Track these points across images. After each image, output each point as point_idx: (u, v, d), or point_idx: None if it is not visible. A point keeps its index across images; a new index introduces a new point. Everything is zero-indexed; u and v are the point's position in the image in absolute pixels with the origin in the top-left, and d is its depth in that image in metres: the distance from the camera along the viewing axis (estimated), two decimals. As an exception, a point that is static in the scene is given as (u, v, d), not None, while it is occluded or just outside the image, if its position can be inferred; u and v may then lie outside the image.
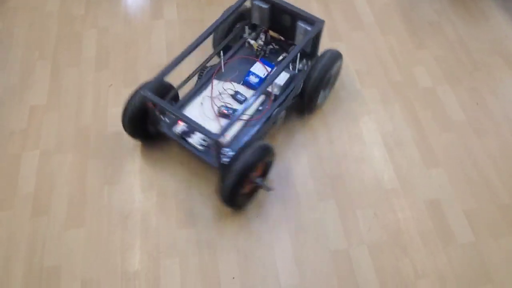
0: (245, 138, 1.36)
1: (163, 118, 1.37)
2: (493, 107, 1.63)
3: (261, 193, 1.41)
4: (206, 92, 1.46)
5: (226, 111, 1.39)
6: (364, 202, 1.40)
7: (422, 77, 1.71)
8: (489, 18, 1.92)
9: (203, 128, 1.18)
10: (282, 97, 1.44)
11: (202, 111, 1.41)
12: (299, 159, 1.48)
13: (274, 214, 1.37)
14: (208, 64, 1.53)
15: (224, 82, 1.48)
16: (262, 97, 1.45)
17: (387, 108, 1.62)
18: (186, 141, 1.35)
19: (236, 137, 1.36)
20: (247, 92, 1.46)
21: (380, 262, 1.29)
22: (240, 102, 1.44)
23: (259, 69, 1.49)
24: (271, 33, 1.59)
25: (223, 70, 1.52)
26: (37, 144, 1.50)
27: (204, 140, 1.34)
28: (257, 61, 1.52)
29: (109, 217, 1.36)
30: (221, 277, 1.26)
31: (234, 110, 1.40)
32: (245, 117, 1.39)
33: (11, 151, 1.49)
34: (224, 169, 1.22)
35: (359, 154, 1.50)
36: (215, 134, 1.18)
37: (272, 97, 1.44)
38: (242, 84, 1.49)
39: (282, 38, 1.59)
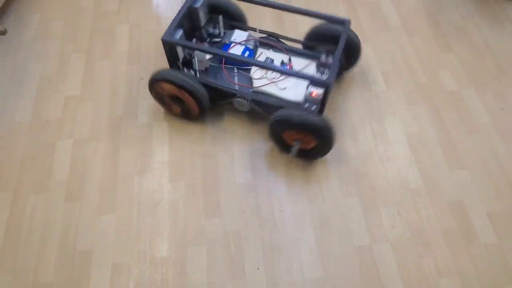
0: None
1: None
2: (518, 111, 1.62)
3: (285, 188, 1.43)
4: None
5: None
6: (388, 200, 1.41)
7: (447, 80, 1.71)
8: (516, 24, 1.91)
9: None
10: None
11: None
12: (326, 156, 1.50)
13: (299, 208, 1.39)
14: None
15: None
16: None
17: (412, 109, 1.63)
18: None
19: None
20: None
21: (402, 259, 1.30)
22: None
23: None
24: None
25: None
26: (71, 133, 1.55)
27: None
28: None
29: (139, 206, 1.40)
30: (246, 267, 1.29)
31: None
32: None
33: (46, 138, 1.54)
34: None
35: (384, 153, 1.51)
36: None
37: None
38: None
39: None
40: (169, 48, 1.40)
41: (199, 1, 1.47)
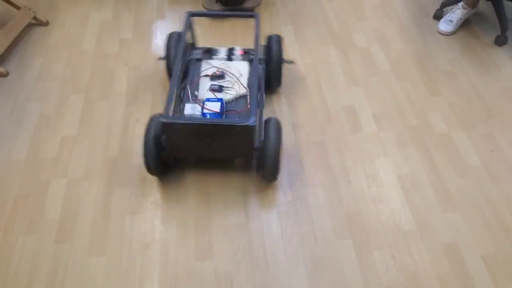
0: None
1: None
2: (508, 154, 1.63)
3: (278, 228, 1.41)
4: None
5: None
6: (381, 242, 1.39)
7: (437, 122, 1.74)
8: (501, 68, 1.96)
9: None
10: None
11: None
12: (318, 197, 1.49)
13: (292, 250, 1.36)
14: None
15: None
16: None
17: (403, 151, 1.64)
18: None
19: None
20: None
21: (397, 304, 1.26)
22: (218, 91, 1.57)
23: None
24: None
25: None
26: (66, 173, 1.55)
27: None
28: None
29: (130, 246, 1.37)
30: (237, 312, 1.24)
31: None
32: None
33: (40, 177, 1.53)
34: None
35: (376, 195, 1.50)
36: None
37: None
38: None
39: None
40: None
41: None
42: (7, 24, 1.94)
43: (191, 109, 1.46)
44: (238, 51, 1.70)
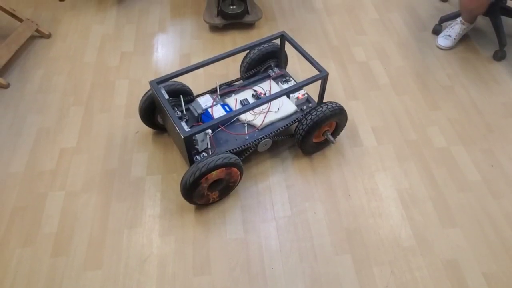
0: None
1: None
2: (508, 169, 1.61)
3: (277, 243, 1.38)
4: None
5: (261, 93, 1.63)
6: (381, 258, 1.36)
7: (436, 137, 1.72)
8: (500, 83, 1.95)
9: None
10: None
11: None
12: (317, 211, 1.47)
13: (290, 266, 1.34)
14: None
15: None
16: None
17: (402, 165, 1.62)
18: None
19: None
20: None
21: (397, 322, 1.23)
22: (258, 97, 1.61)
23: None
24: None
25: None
26: (64, 185, 1.53)
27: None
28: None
29: (127, 260, 1.34)
30: (234, 329, 1.21)
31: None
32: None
33: (38, 190, 1.51)
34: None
35: (376, 210, 1.48)
36: None
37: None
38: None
39: None
40: (189, 142, 1.34)
41: (165, 94, 1.44)
42: (9, 36, 1.94)
43: (203, 100, 1.56)
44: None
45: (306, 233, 1.41)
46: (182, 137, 1.28)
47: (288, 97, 1.62)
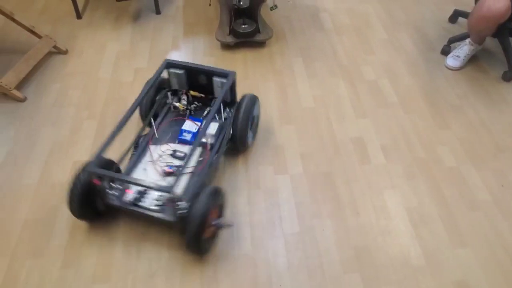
0: (193, 189, 1.34)
1: (110, 192, 1.35)
2: (519, 189, 1.58)
3: (285, 260, 1.36)
4: (146, 158, 1.47)
5: (170, 169, 1.42)
6: (390, 278, 1.33)
7: (446, 156, 1.70)
8: (510, 103, 1.94)
9: (157, 185, 1.23)
10: (217, 144, 1.51)
11: (147, 175, 1.42)
12: (325, 228, 1.45)
13: (298, 284, 1.31)
14: (142, 134, 1.57)
15: (161, 145, 1.52)
16: (199, 149, 1.49)
17: (411, 183, 1.60)
18: (139, 206, 1.32)
19: (186, 189, 1.36)
20: (184, 148, 1.50)
21: None
22: (181, 158, 1.47)
23: (190, 126, 1.55)
24: (191, 93, 1.64)
25: (156, 136, 1.56)
26: (75, 197, 1.53)
27: (157, 200, 1.34)
28: (186, 119, 1.58)
29: (135, 274, 1.33)
30: None
31: (178, 166, 1.43)
32: (189, 169, 1.42)
33: (51, 202, 1.52)
34: (182, 221, 1.26)
35: (385, 228, 1.46)
36: (168, 187, 1.22)
37: (209, 147, 1.49)
38: (178, 143, 1.53)
39: (202, 95, 1.64)
40: None
41: None
42: (28, 51, 1.98)
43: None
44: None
45: (314, 251, 1.39)
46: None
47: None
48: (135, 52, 2.18)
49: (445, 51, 2.19)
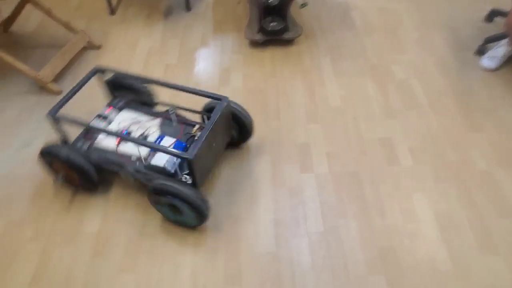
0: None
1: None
2: (555, 197, 1.52)
3: (309, 259, 1.36)
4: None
5: None
6: (416, 281, 1.30)
7: (477, 159, 1.65)
8: (547, 108, 1.85)
9: None
10: None
11: None
12: (350, 229, 1.43)
13: (322, 283, 1.30)
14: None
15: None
16: None
17: (440, 186, 1.56)
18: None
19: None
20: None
21: None
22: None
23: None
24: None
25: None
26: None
27: None
28: None
29: (161, 267, 1.36)
30: None
31: None
32: None
33: (82, 196, 1.56)
34: None
35: (412, 230, 1.43)
36: None
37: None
38: None
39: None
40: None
41: None
42: (64, 46, 2.05)
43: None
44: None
45: (339, 251, 1.38)
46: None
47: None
48: (166, 48, 2.21)
49: (480, 51, 2.11)
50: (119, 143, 1.49)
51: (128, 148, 1.48)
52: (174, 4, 2.54)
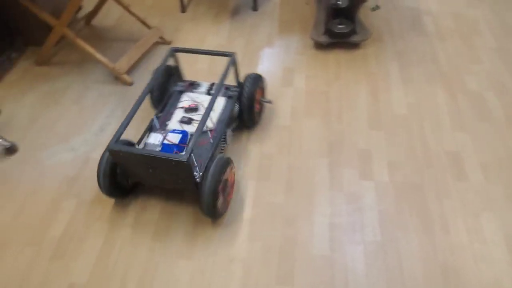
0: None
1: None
2: None
3: (363, 267, 1.31)
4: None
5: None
6: (479, 306, 1.22)
7: (558, 182, 1.50)
8: None
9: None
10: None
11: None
12: (410, 242, 1.37)
13: (376, 294, 1.26)
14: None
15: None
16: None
17: (514, 208, 1.44)
18: None
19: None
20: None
21: None
22: (187, 123, 1.57)
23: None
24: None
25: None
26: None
27: None
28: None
29: (215, 257, 1.39)
30: None
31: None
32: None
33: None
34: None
35: (478, 252, 1.33)
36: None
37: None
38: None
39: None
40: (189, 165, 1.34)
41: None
42: (139, 41, 2.16)
43: (153, 139, 1.44)
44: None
45: (396, 263, 1.32)
46: (185, 161, 1.26)
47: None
48: (232, 46, 2.25)
49: None
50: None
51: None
52: (242, 3, 2.59)
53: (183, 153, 1.33)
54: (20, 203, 1.57)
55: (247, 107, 1.65)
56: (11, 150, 1.76)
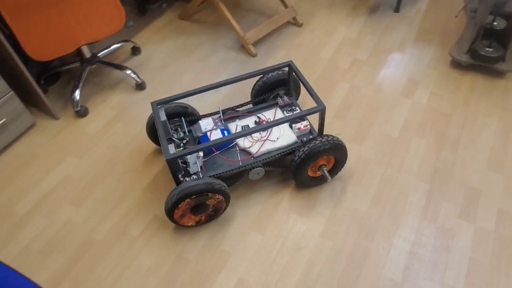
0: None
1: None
2: None
3: (434, 310, 1.19)
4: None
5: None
6: None
7: None
8: None
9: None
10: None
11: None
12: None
13: None
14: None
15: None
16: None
17: None
18: None
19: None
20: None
21: None
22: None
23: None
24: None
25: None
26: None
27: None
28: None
29: (285, 241, 1.39)
30: None
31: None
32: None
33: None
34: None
35: None
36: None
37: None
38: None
39: None
40: (174, 164, 1.31)
41: (163, 115, 1.39)
42: (273, 17, 2.19)
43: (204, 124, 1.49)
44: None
45: (472, 319, 1.17)
46: (165, 159, 1.24)
47: (291, 127, 1.50)
48: (360, 43, 2.16)
49: None
50: None
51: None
52: (384, 1, 2.44)
53: (174, 152, 1.28)
54: (138, 130, 1.76)
55: (301, 160, 1.36)
56: (140, 86, 1.96)
